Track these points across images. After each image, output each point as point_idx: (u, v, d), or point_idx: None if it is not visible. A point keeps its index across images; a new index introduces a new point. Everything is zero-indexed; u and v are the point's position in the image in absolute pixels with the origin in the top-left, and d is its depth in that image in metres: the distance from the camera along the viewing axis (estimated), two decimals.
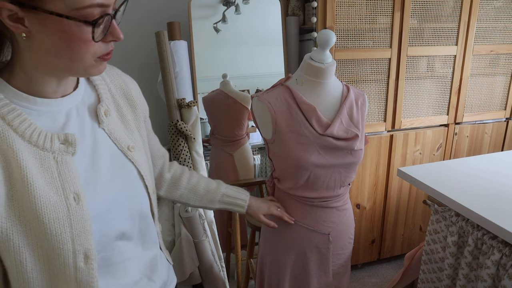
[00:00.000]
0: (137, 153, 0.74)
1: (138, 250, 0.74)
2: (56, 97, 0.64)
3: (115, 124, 0.72)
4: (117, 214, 0.68)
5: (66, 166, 0.61)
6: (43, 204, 0.57)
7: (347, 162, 1.12)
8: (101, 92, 0.72)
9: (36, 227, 0.58)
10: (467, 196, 1.33)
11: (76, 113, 0.66)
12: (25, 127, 0.59)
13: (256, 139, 2.47)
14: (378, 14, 1.85)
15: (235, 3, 2.26)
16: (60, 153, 0.61)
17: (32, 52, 0.58)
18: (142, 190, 0.75)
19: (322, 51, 1.09)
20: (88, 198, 0.62)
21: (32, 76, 0.60)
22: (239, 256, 2.01)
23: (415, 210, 2.27)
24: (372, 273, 2.30)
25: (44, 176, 0.59)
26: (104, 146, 0.69)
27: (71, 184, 0.60)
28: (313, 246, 1.18)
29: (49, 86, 0.62)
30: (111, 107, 0.73)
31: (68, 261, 0.60)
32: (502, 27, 2.10)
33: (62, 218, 0.58)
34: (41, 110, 0.62)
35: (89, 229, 0.61)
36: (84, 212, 0.60)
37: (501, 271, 1.16)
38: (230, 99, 2.11)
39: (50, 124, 0.62)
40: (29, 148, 0.59)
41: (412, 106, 2.07)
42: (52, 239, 0.58)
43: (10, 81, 0.60)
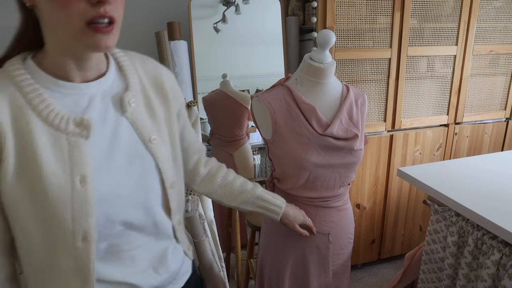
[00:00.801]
0: (159, 145, 0.73)
1: (149, 241, 0.74)
2: (80, 82, 0.65)
3: (139, 114, 0.72)
4: (127, 202, 0.68)
5: (77, 148, 0.62)
6: (50, 181, 0.60)
7: (347, 162, 1.12)
8: (130, 81, 0.72)
9: (42, 201, 0.60)
10: (467, 196, 1.33)
11: (100, 99, 0.67)
12: (43, 107, 0.61)
13: (256, 139, 2.47)
14: (378, 14, 1.85)
15: (235, 3, 2.26)
16: (73, 135, 0.62)
17: (44, 27, 0.62)
18: (157, 183, 0.73)
19: (322, 51, 1.09)
20: (96, 182, 0.63)
21: (52, 57, 0.63)
22: (239, 256, 2.01)
23: (415, 210, 2.27)
24: (372, 273, 2.30)
25: (55, 155, 0.61)
26: (125, 135, 0.69)
27: (79, 166, 0.62)
28: (313, 246, 1.18)
29: (69, 68, 0.64)
30: (138, 97, 0.73)
31: (67, 239, 0.62)
32: (502, 27, 2.10)
33: (65, 197, 0.60)
34: (65, 92, 0.64)
35: (91, 212, 0.62)
36: (88, 195, 0.61)
37: (501, 271, 1.16)
38: (230, 99, 2.11)
39: (72, 107, 0.64)
40: (44, 127, 0.61)
41: (412, 106, 2.07)
42: (54, 215, 0.61)
43: (40, 64, 0.64)
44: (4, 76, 0.62)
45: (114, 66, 0.72)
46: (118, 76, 0.72)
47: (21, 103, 0.60)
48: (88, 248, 0.63)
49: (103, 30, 0.59)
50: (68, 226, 0.61)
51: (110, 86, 0.70)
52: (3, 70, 0.63)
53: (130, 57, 0.76)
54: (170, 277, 0.80)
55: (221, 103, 2.12)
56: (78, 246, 0.62)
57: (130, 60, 0.75)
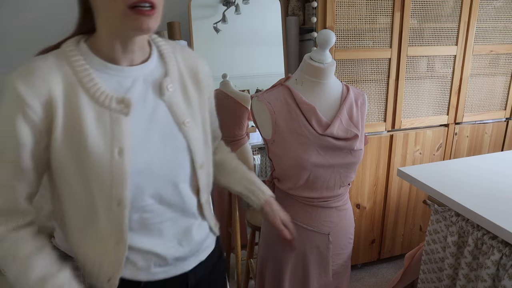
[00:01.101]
0: (192, 128, 0.80)
1: (176, 217, 0.81)
2: (125, 65, 0.73)
3: (176, 98, 0.79)
4: (158, 177, 0.75)
5: (118, 123, 0.70)
6: (92, 150, 0.68)
7: (347, 162, 1.12)
8: (170, 68, 0.80)
9: (85, 167, 0.69)
10: (467, 196, 1.33)
11: (142, 82, 0.75)
12: (92, 85, 0.69)
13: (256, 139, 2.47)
14: (378, 14, 1.85)
15: (235, 3, 2.26)
16: (115, 112, 0.70)
17: (95, 13, 0.70)
18: (186, 162, 0.80)
19: (322, 51, 1.09)
20: (132, 155, 0.70)
21: (102, 40, 0.71)
22: (239, 256, 2.01)
23: (415, 210, 2.26)
24: (372, 273, 2.30)
25: (98, 128, 0.69)
26: (162, 116, 0.76)
27: (118, 139, 0.69)
28: (313, 246, 1.18)
29: (116, 51, 0.72)
30: (175, 83, 0.80)
31: (104, 202, 0.70)
32: (502, 27, 2.10)
33: (105, 166, 0.68)
34: (111, 74, 0.72)
35: (126, 182, 0.69)
36: (124, 165, 0.69)
37: (501, 271, 1.16)
38: (230, 99, 2.11)
39: (116, 87, 0.72)
40: (91, 103, 0.69)
41: (412, 106, 2.07)
42: (95, 181, 0.69)
43: (92, 47, 0.72)
44: (61, 56, 0.70)
45: (156, 53, 0.80)
46: (159, 62, 0.80)
47: (73, 81, 0.69)
48: (122, 212, 0.71)
49: (145, 13, 0.65)
50: (106, 191, 0.69)
51: (151, 71, 0.77)
52: (61, 51, 0.71)
53: (171, 46, 0.84)
54: (192, 249, 0.85)
55: (221, 103, 2.12)
56: (114, 210, 0.70)
57: (171, 48, 0.83)
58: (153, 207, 0.76)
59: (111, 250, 0.74)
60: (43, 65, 0.68)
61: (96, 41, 0.72)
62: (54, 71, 0.68)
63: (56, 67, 0.69)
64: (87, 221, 0.74)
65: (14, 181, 0.69)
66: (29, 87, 0.65)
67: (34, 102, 0.65)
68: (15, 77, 0.65)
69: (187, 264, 0.85)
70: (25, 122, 0.66)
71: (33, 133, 0.67)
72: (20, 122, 0.65)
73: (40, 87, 0.66)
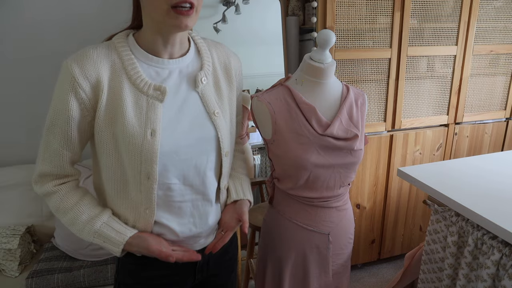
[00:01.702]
0: (221, 118, 0.89)
1: (197, 198, 0.88)
2: (165, 58, 0.83)
3: (208, 91, 0.88)
4: (183, 160, 0.83)
5: (153, 108, 0.80)
6: (128, 129, 0.78)
7: (347, 162, 1.12)
8: (205, 63, 0.89)
9: (121, 145, 0.79)
10: (467, 196, 1.33)
11: (178, 74, 0.85)
12: (134, 73, 0.80)
13: (256, 139, 2.47)
14: (378, 14, 1.85)
15: (235, 3, 2.26)
16: (152, 98, 0.80)
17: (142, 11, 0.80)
18: (213, 149, 0.88)
19: (322, 51, 1.09)
20: (162, 137, 0.79)
21: (146, 35, 0.82)
22: (239, 256, 2.01)
23: (415, 210, 2.26)
24: (372, 273, 2.30)
25: (135, 110, 0.79)
26: (194, 105, 0.85)
27: (152, 122, 0.79)
28: (313, 246, 1.18)
29: (158, 44, 0.82)
30: (209, 77, 0.89)
31: (136, 175, 0.80)
32: (502, 27, 2.10)
33: (138, 144, 0.78)
34: (151, 64, 0.82)
35: (155, 160, 0.79)
36: (155, 145, 0.78)
37: (501, 271, 1.16)
38: None
39: (154, 76, 0.82)
40: (132, 88, 0.80)
41: (412, 106, 2.07)
42: (128, 157, 0.79)
43: (138, 40, 0.83)
44: (111, 46, 0.81)
45: (194, 49, 0.90)
46: (196, 57, 0.89)
47: (119, 68, 0.80)
48: (151, 185, 0.81)
49: (184, 13, 0.75)
50: (137, 166, 0.79)
51: (187, 65, 0.87)
52: (111, 42, 0.82)
53: (207, 43, 0.94)
54: (205, 231, 0.93)
55: None
56: (143, 183, 0.80)
57: (208, 45, 0.93)
58: (176, 187, 0.84)
59: (142, 213, 0.84)
60: (95, 52, 0.78)
61: (142, 35, 0.83)
62: (103, 58, 0.79)
63: (106, 55, 0.79)
64: (120, 190, 0.84)
65: (63, 149, 0.81)
66: (81, 70, 0.75)
67: (85, 82, 0.76)
68: (71, 60, 0.76)
69: (198, 244, 0.93)
70: (76, 99, 0.77)
71: (81, 109, 0.78)
72: (72, 98, 0.76)
73: (90, 70, 0.76)
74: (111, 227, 0.83)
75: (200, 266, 0.95)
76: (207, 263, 0.96)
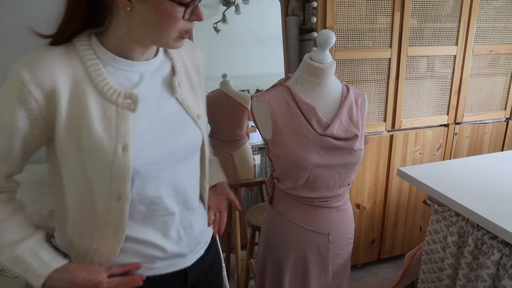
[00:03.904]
0: (203, 121, 0.85)
1: (181, 209, 0.82)
2: (135, 60, 0.75)
3: (186, 94, 0.82)
4: (164, 168, 0.76)
5: (124, 119, 0.71)
6: (95, 144, 0.69)
7: (347, 162, 1.12)
8: (176, 64, 0.82)
9: (87, 161, 0.70)
10: (467, 196, 1.33)
11: (149, 77, 0.77)
12: (100, 80, 0.70)
13: (256, 139, 2.47)
14: (378, 14, 1.85)
15: (235, 3, 2.26)
16: (122, 108, 0.71)
17: (129, 23, 0.70)
18: (197, 154, 0.84)
19: (322, 51, 1.09)
20: (137, 150, 0.71)
21: (123, 42, 0.72)
22: (239, 256, 2.01)
23: (415, 210, 2.26)
24: (372, 273, 2.30)
25: (103, 123, 0.70)
26: (172, 111, 0.79)
27: (123, 135, 0.70)
28: (313, 246, 1.18)
29: (135, 51, 0.74)
30: (184, 79, 0.83)
31: (104, 195, 0.71)
32: (502, 27, 2.09)
33: (107, 161, 0.69)
34: (120, 68, 0.73)
35: (127, 177, 0.70)
36: (127, 161, 0.69)
37: (501, 271, 1.16)
38: (230, 99, 2.11)
39: (123, 82, 0.73)
40: (98, 97, 0.70)
41: (412, 106, 2.07)
42: (96, 175, 0.70)
43: (102, 42, 0.73)
44: (72, 49, 0.71)
45: (161, 49, 0.82)
46: (165, 58, 0.82)
47: (82, 75, 0.69)
48: (122, 205, 0.72)
49: (186, 36, 0.72)
50: (107, 185, 0.70)
51: (158, 66, 0.79)
52: (71, 44, 0.71)
53: None
54: (192, 244, 0.86)
55: (221, 103, 2.12)
56: (113, 203, 0.71)
57: None
58: (159, 200, 0.77)
59: (108, 237, 0.74)
60: (50, 55, 0.68)
61: (110, 37, 0.73)
62: (61, 63, 0.68)
63: (65, 59, 0.69)
64: (86, 210, 0.74)
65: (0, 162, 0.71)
66: (33, 76, 0.65)
67: (37, 90, 0.66)
68: (21, 64, 0.66)
69: (187, 259, 0.86)
70: (24, 108, 0.66)
71: (30, 121, 0.68)
72: (19, 107, 0.66)
73: (44, 77, 0.66)
74: (36, 254, 0.71)
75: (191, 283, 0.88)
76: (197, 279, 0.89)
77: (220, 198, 0.99)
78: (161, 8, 0.66)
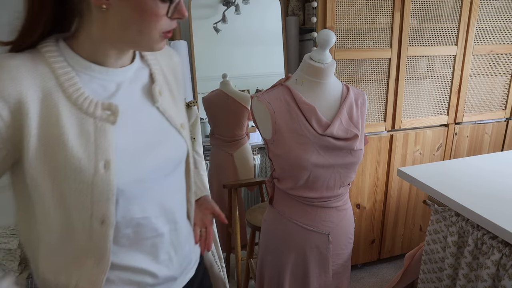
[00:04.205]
0: (187, 131, 0.78)
1: (170, 228, 0.76)
2: (110, 67, 0.67)
3: (168, 103, 0.75)
4: (151, 186, 0.70)
5: (103, 133, 0.63)
6: (72, 164, 0.60)
7: (347, 162, 1.12)
8: (155, 71, 0.76)
9: (63, 182, 0.61)
10: (467, 196, 1.33)
11: (127, 86, 0.70)
12: (74, 90, 0.62)
13: (256, 139, 2.47)
14: (378, 14, 1.85)
15: (235, 3, 2.26)
16: (100, 120, 0.63)
17: (104, 24, 0.62)
18: (183, 167, 0.78)
19: (322, 51, 1.09)
20: (120, 168, 0.63)
21: (97, 46, 0.64)
22: (239, 256, 2.01)
23: (415, 210, 2.26)
24: (372, 273, 2.30)
25: (81, 138, 0.61)
26: (154, 122, 0.72)
27: (104, 150, 0.62)
28: (313, 246, 1.18)
29: (110, 57, 0.66)
30: (163, 87, 0.76)
31: (85, 220, 0.63)
32: (502, 27, 2.09)
33: (87, 181, 0.61)
34: (94, 76, 0.65)
35: (111, 198, 0.62)
36: (110, 180, 0.62)
37: (501, 271, 1.16)
38: (230, 99, 2.11)
39: (100, 91, 0.65)
40: (73, 109, 0.62)
41: (412, 106, 2.07)
42: (74, 199, 0.62)
43: (72, 47, 0.64)
44: (37, 56, 0.62)
45: (138, 54, 0.75)
46: (142, 64, 0.75)
47: (52, 85, 0.61)
48: (106, 231, 0.64)
49: (169, 35, 0.65)
50: (87, 209, 0.62)
51: (135, 73, 0.72)
52: (37, 51, 0.62)
53: None
54: (182, 265, 0.81)
55: (221, 103, 2.12)
56: (96, 228, 0.63)
57: None
58: (147, 220, 0.70)
59: (89, 270, 0.66)
60: (13, 64, 0.59)
61: (81, 42, 0.64)
62: (27, 72, 0.59)
63: (31, 67, 0.60)
64: (62, 241, 0.65)
65: None
66: None
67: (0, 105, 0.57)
68: None
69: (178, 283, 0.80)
70: None
71: None
72: None
73: (8, 89, 0.57)
74: None
75: None
76: None
77: (205, 212, 0.94)
78: (141, 4, 0.59)
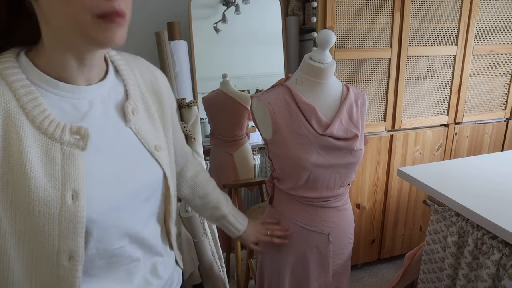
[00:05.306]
0: (163, 153, 0.71)
1: (144, 254, 0.72)
2: (81, 84, 0.60)
3: (142, 123, 0.69)
4: (127, 214, 0.65)
5: (72, 160, 0.57)
6: (36, 196, 0.54)
7: (347, 162, 1.12)
8: (130, 87, 0.69)
9: (26, 217, 0.55)
10: (467, 196, 1.33)
11: (100, 105, 0.63)
12: (38, 112, 0.55)
13: (256, 139, 2.47)
14: (378, 14, 1.85)
15: (235, 3, 2.26)
16: (69, 146, 0.57)
17: (45, 22, 0.55)
18: (159, 192, 0.72)
19: (322, 51, 1.09)
20: (90, 197, 0.58)
21: (50, 55, 0.57)
22: (239, 256, 2.01)
23: (415, 210, 2.27)
24: (372, 273, 2.30)
25: (46, 167, 0.55)
26: (128, 145, 0.66)
27: (72, 180, 0.56)
28: (313, 246, 1.18)
29: (69, 68, 0.58)
30: (139, 105, 0.69)
31: (51, 257, 0.57)
32: (502, 27, 2.10)
33: (53, 214, 0.55)
34: (63, 95, 0.58)
35: (80, 231, 0.57)
36: (79, 212, 0.56)
37: (501, 271, 1.16)
38: (230, 99, 2.11)
39: (70, 112, 0.59)
40: (37, 135, 0.55)
41: (412, 106, 2.07)
42: (38, 233, 0.55)
43: (35, 62, 0.57)
44: None
45: (112, 68, 0.68)
46: (117, 80, 0.68)
47: (13, 107, 0.54)
48: (74, 267, 0.58)
49: (117, 20, 0.53)
50: (54, 244, 0.56)
51: (109, 91, 0.65)
52: None
53: (126, 60, 0.72)
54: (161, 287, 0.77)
55: (221, 103, 2.12)
56: (63, 265, 0.57)
57: (127, 63, 0.71)
58: (123, 250, 0.66)
59: None
60: None
61: (41, 54, 0.58)
62: None
63: None
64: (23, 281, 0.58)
65: None
66: None
67: None
68: None
69: None
70: None
71: None
72: None
73: None
74: None
75: None
76: None
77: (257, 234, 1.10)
78: None
